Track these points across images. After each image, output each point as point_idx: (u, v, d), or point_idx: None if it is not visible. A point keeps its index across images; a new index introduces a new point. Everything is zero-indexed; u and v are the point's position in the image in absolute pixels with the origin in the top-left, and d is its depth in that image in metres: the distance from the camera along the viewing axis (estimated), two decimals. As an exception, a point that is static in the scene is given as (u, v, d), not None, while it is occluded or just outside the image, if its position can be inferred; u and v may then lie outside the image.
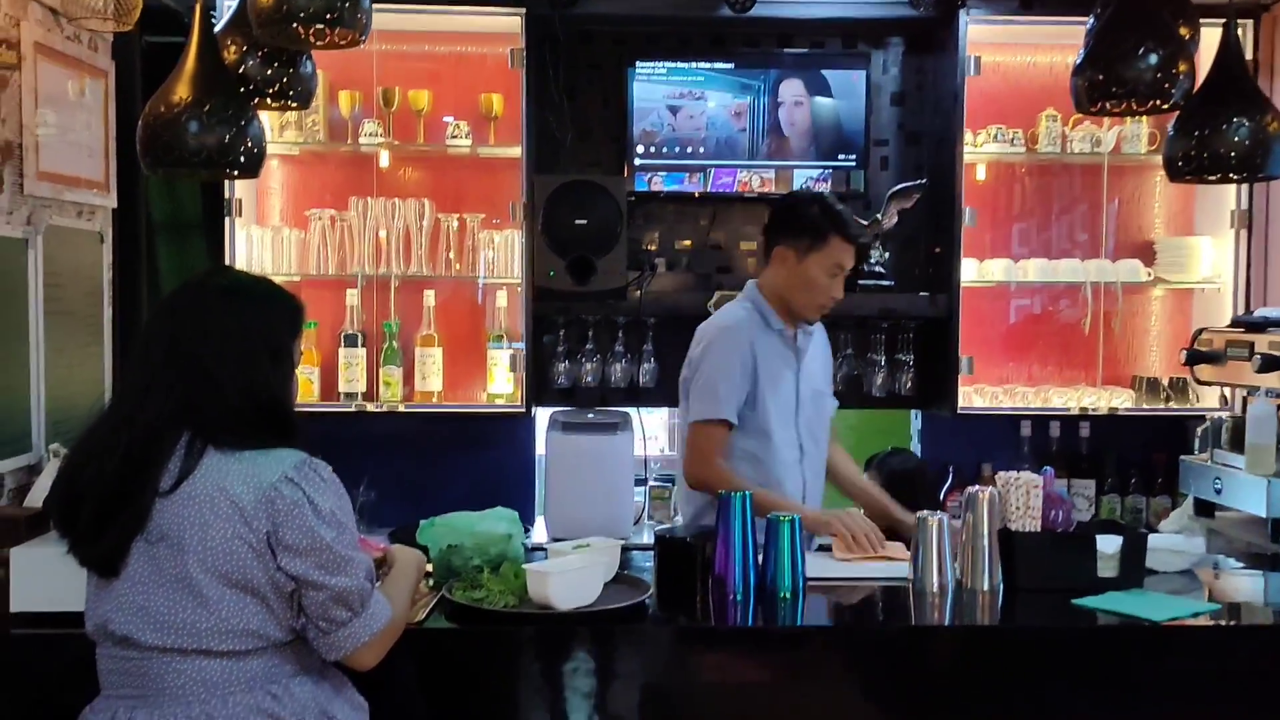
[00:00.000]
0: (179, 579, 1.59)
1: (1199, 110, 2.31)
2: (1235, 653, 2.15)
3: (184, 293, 1.75)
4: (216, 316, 1.68)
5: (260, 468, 1.62)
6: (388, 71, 3.78)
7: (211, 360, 1.65)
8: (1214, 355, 3.12)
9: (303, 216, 3.80)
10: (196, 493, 1.60)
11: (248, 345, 1.68)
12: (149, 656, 1.61)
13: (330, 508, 1.64)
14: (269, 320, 1.73)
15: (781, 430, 2.77)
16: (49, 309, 2.52)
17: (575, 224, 3.64)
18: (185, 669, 1.60)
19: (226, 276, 1.84)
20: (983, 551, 2.32)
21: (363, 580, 1.68)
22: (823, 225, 2.73)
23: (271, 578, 1.61)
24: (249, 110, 2.27)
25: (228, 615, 1.60)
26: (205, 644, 1.59)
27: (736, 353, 2.72)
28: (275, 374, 1.71)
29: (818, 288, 2.74)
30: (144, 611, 1.60)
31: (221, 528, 1.59)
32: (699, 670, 2.19)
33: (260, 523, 1.60)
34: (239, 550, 1.59)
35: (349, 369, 3.72)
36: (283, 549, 1.60)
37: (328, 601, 1.63)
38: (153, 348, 1.69)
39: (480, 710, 2.12)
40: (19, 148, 2.42)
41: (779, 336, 2.80)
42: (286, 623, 1.65)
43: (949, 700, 2.14)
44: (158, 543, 1.60)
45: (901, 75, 3.98)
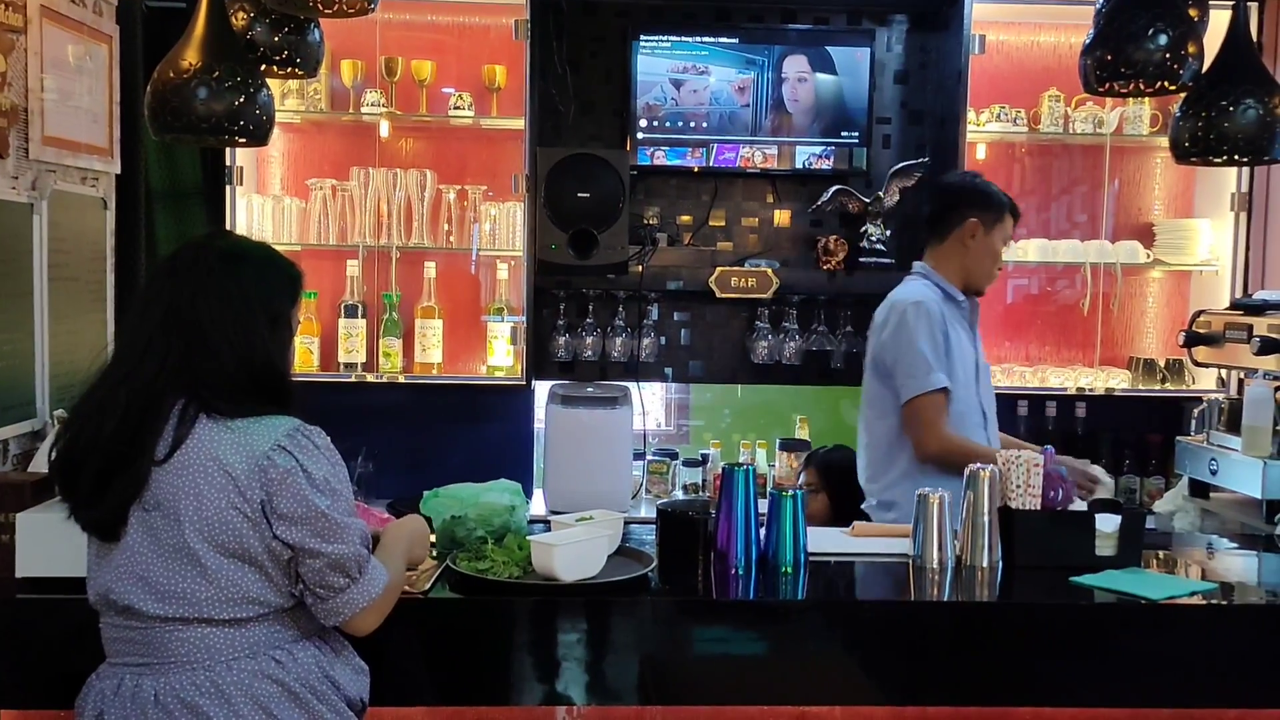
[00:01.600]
0: (177, 548, 1.59)
1: (1207, 92, 2.30)
2: (1230, 631, 2.18)
3: (183, 254, 1.73)
4: (215, 279, 1.66)
5: (253, 436, 1.61)
6: (390, 41, 3.76)
7: (208, 323, 1.63)
8: (1212, 337, 3.15)
9: (304, 186, 3.80)
10: (190, 462, 1.59)
11: (245, 309, 1.66)
12: (151, 626, 1.61)
13: (324, 475, 1.64)
14: (267, 285, 1.71)
15: (968, 398, 2.87)
16: (53, 275, 2.51)
17: (577, 197, 3.64)
18: (188, 637, 1.61)
19: (226, 240, 1.80)
20: (983, 529, 2.34)
21: (359, 546, 1.68)
22: (1002, 200, 2.93)
23: (268, 546, 1.61)
24: (258, 77, 2.25)
25: (227, 584, 1.60)
26: (206, 612, 1.60)
27: (934, 323, 2.81)
28: (272, 340, 1.69)
29: (997, 258, 2.93)
30: (144, 581, 1.60)
31: (215, 497, 1.58)
32: (700, 642, 2.21)
33: (254, 491, 1.59)
34: (233, 519, 1.59)
35: (349, 339, 3.72)
36: (277, 517, 1.60)
37: (324, 569, 1.63)
38: (151, 308, 1.67)
39: (483, 680, 2.13)
40: (24, 112, 2.41)
41: (959, 309, 2.92)
42: (286, 589, 1.65)
43: (948, 675, 2.16)
44: (154, 511, 1.60)
45: (905, 53, 3.97)
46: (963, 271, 2.94)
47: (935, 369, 2.77)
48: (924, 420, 2.77)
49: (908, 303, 2.86)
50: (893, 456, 2.86)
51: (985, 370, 2.99)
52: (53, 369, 2.52)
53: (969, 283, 2.95)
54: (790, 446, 3.95)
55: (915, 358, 2.78)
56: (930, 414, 2.77)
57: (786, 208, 3.98)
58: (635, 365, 3.88)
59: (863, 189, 3.85)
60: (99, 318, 2.81)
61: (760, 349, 3.87)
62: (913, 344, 2.79)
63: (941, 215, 2.98)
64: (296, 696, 1.63)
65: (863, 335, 3.91)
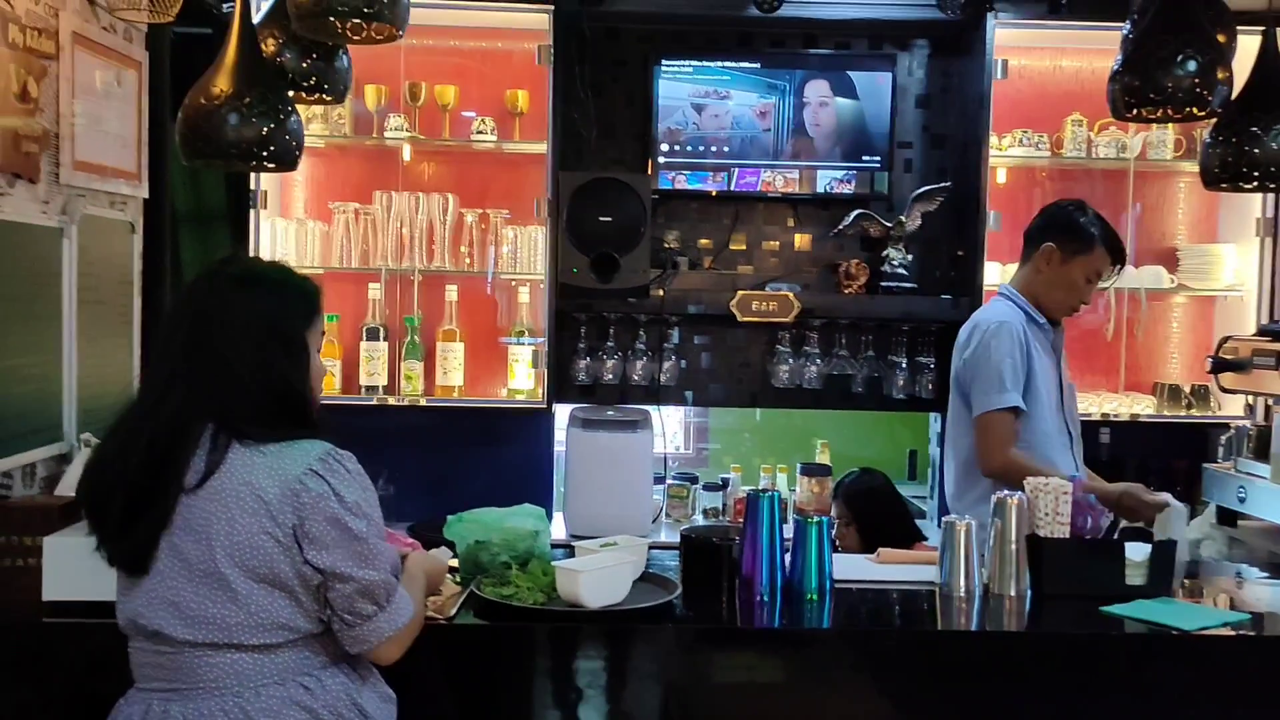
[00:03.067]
0: (207, 573, 1.58)
1: (1237, 118, 2.30)
2: (1263, 664, 2.15)
3: (199, 282, 1.73)
4: (228, 305, 1.66)
5: (285, 460, 1.61)
6: (414, 66, 3.79)
7: (226, 350, 1.63)
8: (1240, 363, 3.12)
9: (327, 209, 3.82)
10: (224, 488, 1.59)
11: (259, 334, 1.65)
12: (180, 651, 1.61)
13: (355, 499, 1.63)
14: (280, 307, 1.70)
15: (1052, 419, 2.87)
16: (81, 298, 2.52)
17: (599, 221, 3.65)
18: (218, 662, 1.60)
19: (239, 264, 1.79)
20: (1011, 557, 2.32)
21: (388, 574, 1.68)
22: (1092, 231, 2.87)
23: (299, 571, 1.60)
24: (288, 103, 2.27)
25: (257, 609, 1.59)
26: (236, 638, 1.59)
27: (1015, 344, 2.82)
28: (289, 363, 1.68)
29: (1075, 290, 2.88)
30: (174, 606, 1.60)
31: (248, 523, 1.58)
32: (724, 670, 2.19)
33: (286, 516, 1.59)
34: (265, 545, 1.59)
35: (370, 362, 3.73)
36: (309, 542, 1.60)
37: (354, 594, 1.63)
38: (172, 339, 1.67)
39: (507, 706, 2.13)
40: (55, 137, 2.43)
41: (1042, 331, 2.91)
42: (315, 614, 1.65)
43: (975, 705, 2.14)
44: (186, 538, 1.59)
45: (927, 77, 3.97)
46: (1034, 296, 2.91)
47: (1009, 389, 2.78)
48: (990, 436, 2.79)
49: (991, 322, 2.87)
50: (974, 474, 2.87)
51: (1071, 392, 3.00)
52: (80, 392, 2.53)
53: (1042, 308, 2.91)
54: (811, 471, 3.93)
55: (991, 375, 2.81)
56: (997, 431, 2.79)
57: (808, 232, 3.98)
58: (656, 389, 3.88)
59: (884, 213, 3.85)
60: (125, 342, 2.82)
61: (781, 373, 3.87)
62: (990, 362, 2.81)
63: (1030, 237, 2.98)
64: None
65: (884, 360, 3.92)
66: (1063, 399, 2.93)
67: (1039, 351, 2.87)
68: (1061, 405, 2.92)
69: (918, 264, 3.88)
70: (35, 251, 2.35)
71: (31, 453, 2.34)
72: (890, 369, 3.89)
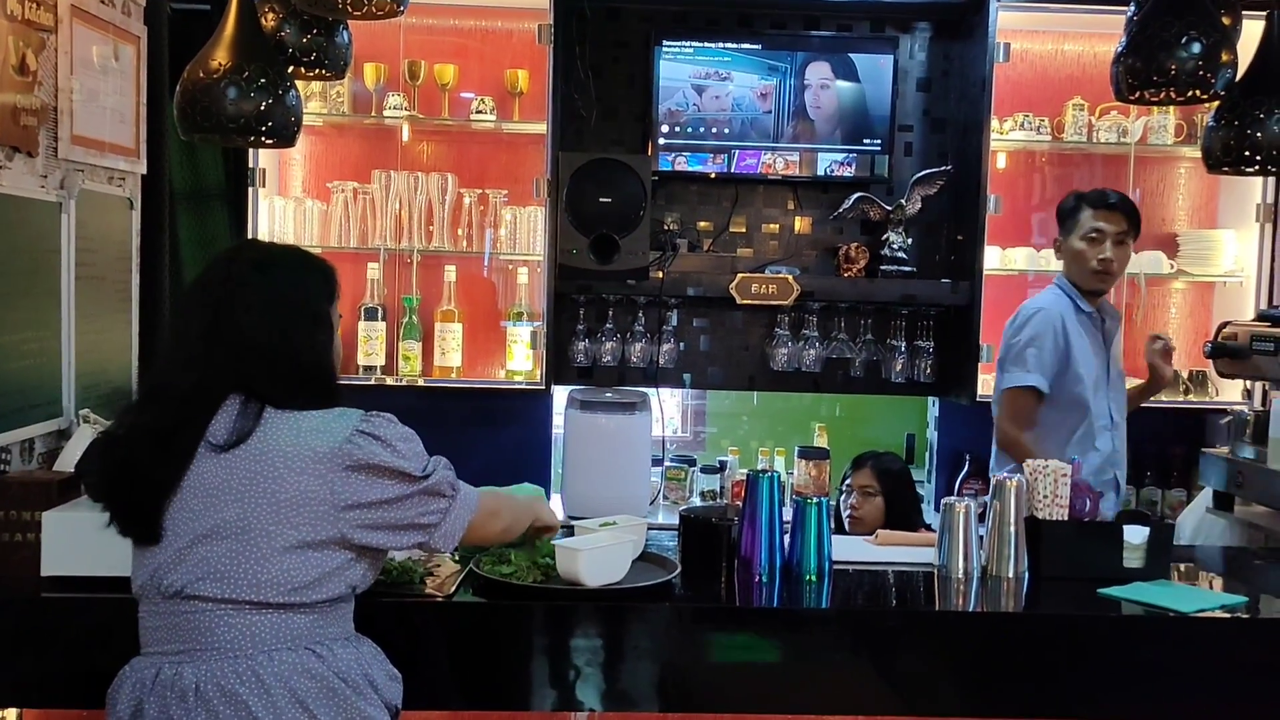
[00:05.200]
0: (241, 530, 1.61)
1: (1240, 101, 2.29)
2: (1261, 646, 2.15)
3: (216, 268, 1.76)
4: (254, 288, 1.70)
5: (331, 421, 1.66)
6: (413, 45, 3.77)
7: (255, 330, 1.68)
8: (1238, 349, 3.12)
9: (325, 188, 3.80)
10: (269, 448, 1.62)
11: (287, 312, 1.71)
12: (200, 610, 1.62)
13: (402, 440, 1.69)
14: (304, 286, 1.76)
15: (1095, 402, 3.07)
16: (80, 274, 2.51)
17: (598, 202, 3.64)
18: (236, 622, 1.62)
19: (256, 249, 1.88)
20: (1009, 539, 2.32)
21: (444, 472, 1.75)
22: (1071, 204, 3.12)
23: (340, 532, 1.64)
24: (287, 79, 2.26)
25: (289, 567, 1.62)
26: (263, 595, 1.62)
27: (1049, 328, 3.03)
28: (316, 338, 1.74)
29: (1082, 256, 3.06)
30: (203, 562, 1.61)
31: (295, 480, 1.62)
32: (723, 650, 2.19)
33: (336, 474, 1.63)
34: (307, 505, 1.62)
35: (368, 342, 3.72)
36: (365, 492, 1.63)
37: (422, 499, 1.70)
38: (190, 325, 1.72)
39: (506, 685, 2.13)
40: (54, 111, 2.41)
41: (1088, 318, 3.10)
42: (343, 577, 1.68)
43: (972, 686, 2.15)
44: (219, 496, 1.61)
45: (928, 61, 3.96)
46: (1072, 283, 3.13)
47: (1032, 370, 3.00)
48: (1006, 410, 3.04)
49: (1031, 308, 3.11)
50: (1006, 456, 3.07)
51: (1118, 377, 3.17)
52: (79, 368, 2.52)
53: (1081, 289, 3.10)
54: (809, 454, 3.93)
55: (1019, 356, 3.03)
56: (1012, 406, 3.03)
57: (808, 215, 3.97)
58: (654, 371, 3.87)
59: (884, 196, 3.84)
60: (124, 318, 2.81)
61: (780, 356, 3.86)
62: (1021, 343, 3.04)
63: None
64: (334, 691, 1.64)
65: (883, 343, 3.92)
66: (1108, 385, 3.11)
67: (1083, 337, 3.07)
68: (1107, 390, 3.11)
69: (917, 248, 3.88)
70: (34, 226, 2.34)
71: (30, 428, 2.34)
72: (889, 353, 3.89)
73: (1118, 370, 3.18)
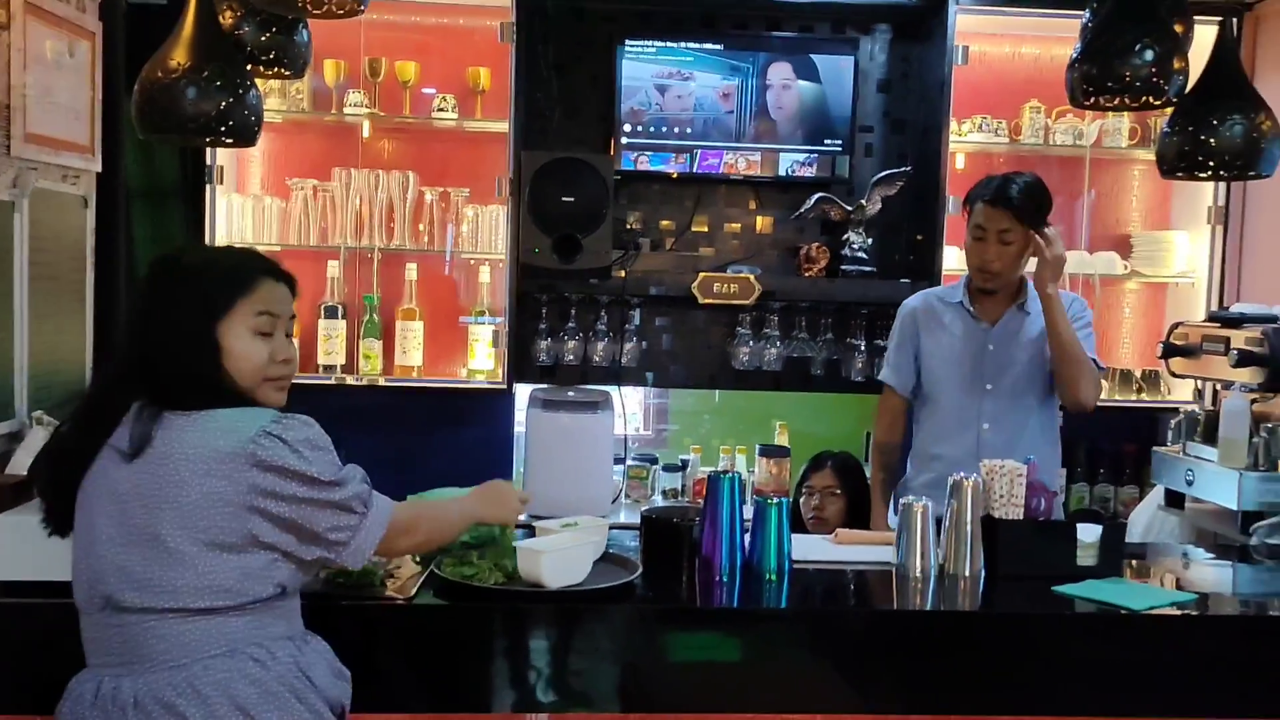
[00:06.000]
0: (153, 538, 1.59)
1: (1193, 108, 2.33)
2: (1210, 642, 2.20)
3: (151, 267, 1.79)
4: (160, 290, 1.72)
5: (238, 420, 1.63)
6: (374, 41, 3.74)
7: (157, 331, 1.69)
8: (1189, 349, 3.17)
9: (284, 186, 3.77)
10: (170, 452, 1.60)
11: (164, 325, 1.69)
12: (128, 622, 1.61)
13: (309, 446, 1.65)
14: (204, 289, 1.71)
15: (949, 398, 2.99)
16: (33, 274, 2.48)
17: (561, 201, 3.63)
18: (165, 633, 1.60)
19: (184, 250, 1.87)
20: (966, 538, 2.35)
21: (358, 485, 1.71)
22: (970, 195, 3.01)
23: (250, 531, 1.61)
24: (247, 78, 2.24)
25: (205, 570, 1.60)
26: (184, 601, 1.60)
27: (900, 322, 3.12)
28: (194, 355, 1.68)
29: (970, 252, 2.99)
30: (122, 571, 1.61)
31: (198, 483, 1.59)
32: (684, 650, 2.20)
33: (241, 473, 1.60)
34: (215, 505, 1.59)
35: (328, 341, 3.70)
36: (269, 496, 1.61)
37: (331, 514, 1.66)
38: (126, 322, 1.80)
39: (466, 687, 2.13)
40: (6, 109, 2.37)
41: (957, 309, 3.02)
42: (266, 577, 1.65)
43: (931, 684, 2.17)
44: (132, 504, 1.60)
45: (889, 62, 3.99)
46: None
47: (886, 365, 3.15)
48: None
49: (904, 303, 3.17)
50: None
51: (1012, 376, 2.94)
52: (32, 370, 2.49)
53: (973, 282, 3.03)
54: (770, 452, 3.95)
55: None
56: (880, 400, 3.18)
57: (769, 214, 3.99)
58: (617, 370, 3.88)
59: (845, 197, 3.87)
60: (79, 318, 2.78)
61: (741, 354, 3.88)
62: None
63: None
64: (275, 696, 1.63)
65: (843, 342, 3.95)
66: (982, 377, 2.94)
67: (947, 331, 3.01)
68: (983, 388, 2.94)
69: (877, 248, 3.91)
70: (-15, 225, 2.31)
71: (-19, 431, 2.30)
72: (849, 351, 3.92)
73: (1016, 364, 2.94)
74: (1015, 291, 3.00)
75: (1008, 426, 2.93)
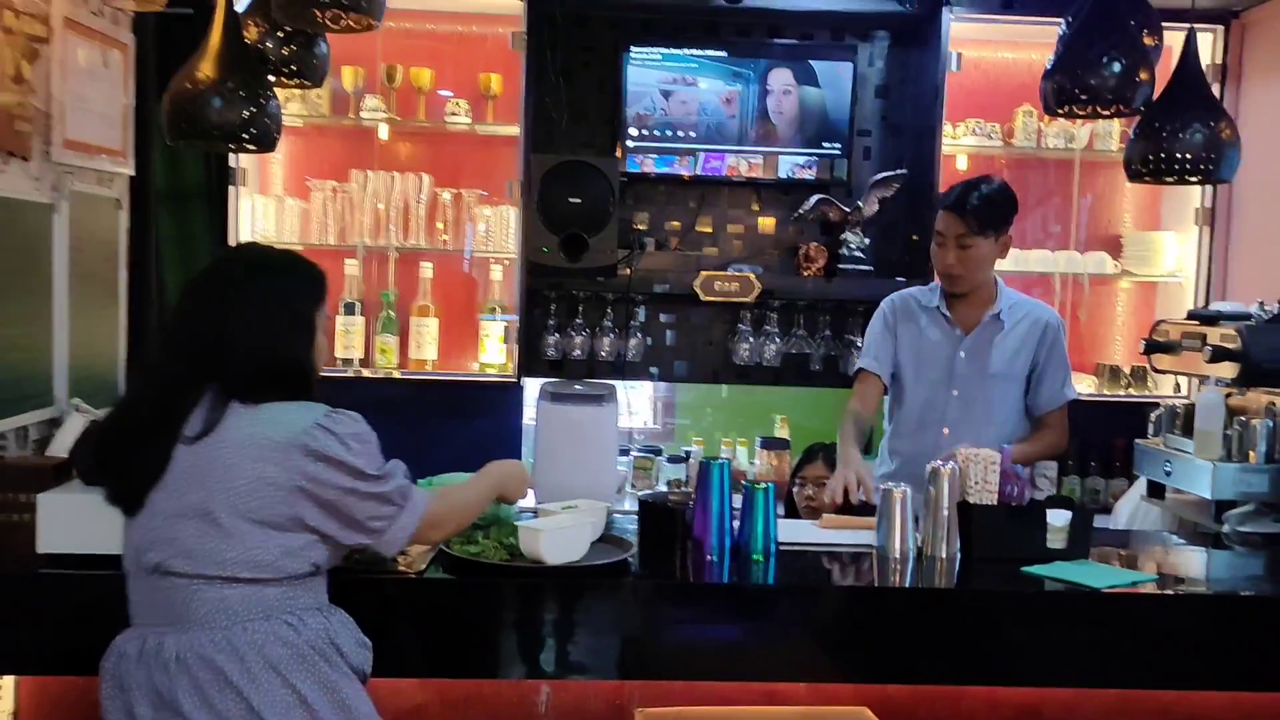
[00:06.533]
0: (205, 513, 1.75)
1: (1159, 116, 2.46)
2: (1165, 618, 2.33)
3: (213, 268, 1.93)
4: (239, 287, 1.85)
5: (293, 414, 1.79)
6: (391, 49, 3.91)
7: (235, 326, 1.81)
8: (1170, 345, 3.29)
9: (304, 187, 3.94)
10: (228, 438, 1.76)
11: (268, 313, 1.84)
12: (176, 586, 1.76)
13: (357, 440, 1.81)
14: (289, 288, 1.89)
15: (916, 394, 3.08)
16: (72, 272, 2.65)
17: (569, 202, 3.78)
18: (209, 597, 1.76)
19: (252, 252, 2.00)
20: (942, 522, 2.49)
21: (400, 480, 1.88)
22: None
23: (295, 514, 1.77)
24: (268, 88, 2.40)
25: (250, 545, 1.76)
26: (229, 571, 1.75)
27: (879, 318, 3.16)
28: (295, 339, 1.87)
29: (934, 256, 3.02)
30: (173, 543, 1.76)
31: (251, 467, 1.75)
32: (676, 623, 2.35)
33: (293, 461, 1.76)
34: (264, 489, 1.75)
35: (346, 335, 3.87)
36: (318, 484, 1.76)
37: (374, 501, 1.82)
38: (182, 318, 1.86)
39: (472, 655, 2.28)
40: (47, 116, 2.55)
41: (934, 313, 3.08)
42: (304, 556, 1.81)
43: (907, 656, 2.31)
44: (189, 482, 1.76)
45: (886, 68, 4.13)
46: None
47: (865, 354, 3.16)
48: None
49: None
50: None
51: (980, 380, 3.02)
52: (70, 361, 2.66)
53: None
54: (770, 445, 4.10)
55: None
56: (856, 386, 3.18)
57: (770, 215, 4.13)
58: (622, 364, 4.03)
59: (843, 198, 4.01)
60: (113, 313, 2.95)
61: (742, 351, 4.03)
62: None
63: None
64: (304, 658, 1.78)
65: (841, 339, 4.09)
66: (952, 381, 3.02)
67: (922, 330, 3.08)
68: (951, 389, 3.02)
69: (874, 248, 4.04)
70: (28, 227, 2.48)
71: (24, 416, 2.48)
72: (846, 348, 4.05)
73: (983, 369, 3.02)
74: (989, 297, 3.04)
75: (968, 433, 2.93)
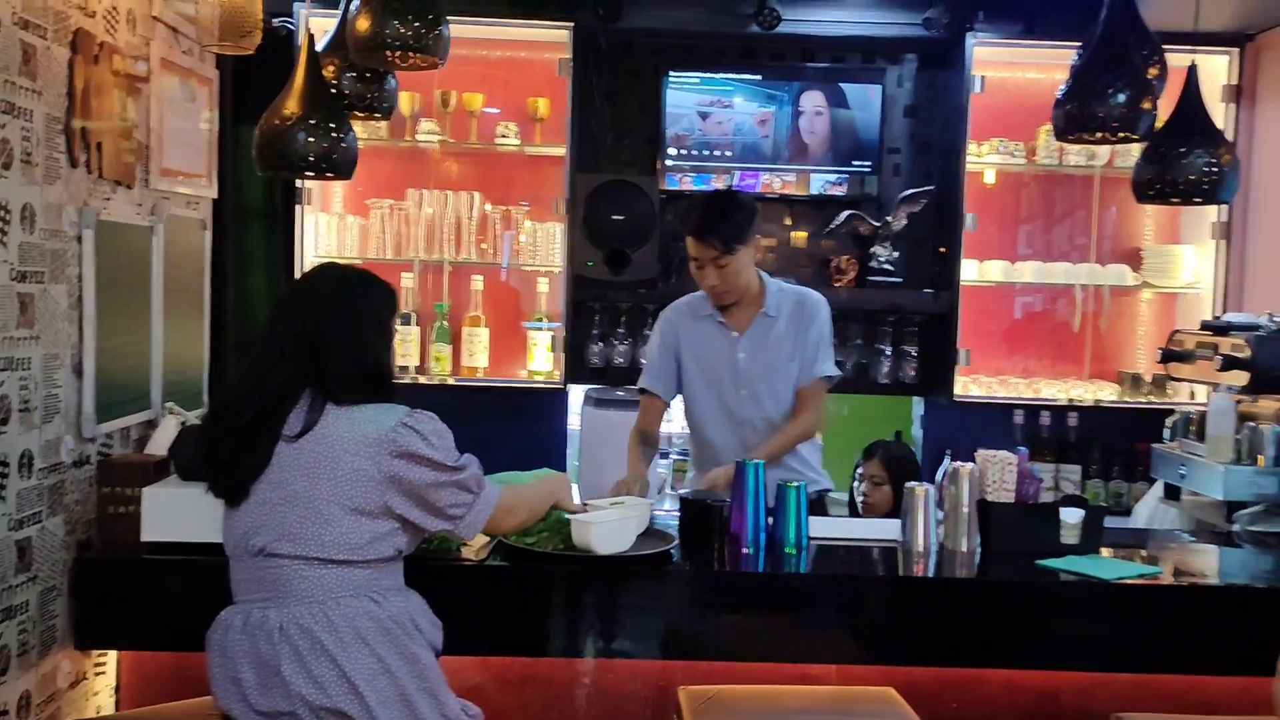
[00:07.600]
0: (310, 501, 1.98)
1: (1163, 142, 2.65)
2: (1171, 606, 2.52)
3: (304, 284, 2.18)
4: (332, 301, 2.08)
5: (381, 414, 2.02)
6: (445, 75, 4.07)
7: (330, 335, 2.05)
8: (1185, 354, 3.46)
9: (364, 205, 4.19)
10: (328, 435, 1.99)
11: (358, 322, 2.08)
12: (279, 565, 1.99)
13: (436, 435, 2.03)
14: (372, 302, 2.13)
15: (708, 398, 3.15)
16: (167, 287, 2.91)
17: (612, 219, 4.02)
18: (308, 575, 1.99)
19: (335, 270, 2.22)
20: (963, 519, 2.68)
21: (475, 470, 2.09)
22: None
23: (386, 503, 1.99)
24: (346, 122, 2.65)
25: (346, 531, 1.98)
26: (327, 553, 1.98)
27: (656, 333, 3.22)
28: (379, 344, 2.12)
29: (695, 279, 3.09)
30: (279, 526, 1.99)
31: (349, 461, 1.98)
32: (715, 610, 2.56)
33: (383, 456, 1.99)
34: (360, 480, 1.98)
35: (402, 344, 4.09)
36: (404, 474, 1.98)
37: (452, 491, 2.04)
38: (281, 328, 2.09)
39: (528, 636, 2.51)
40: (147, 148, 2.81)
41: (708, 320, 3.14)
42: (391, 541, 2.04)
43: (930, 641, 2.52)
44: (293, 474, 1.98)
45: (914, 89, 4.32)
46: None
47: (645, 375, 3.21)
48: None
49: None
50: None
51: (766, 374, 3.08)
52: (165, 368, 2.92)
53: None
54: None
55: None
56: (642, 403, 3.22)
57: (802, 230, 4.33)
58: (662, 372, 4.22)
59: (873, 213, 4.20)
60: (198, 325, 3.22)
61: (776, 359, 4.21)
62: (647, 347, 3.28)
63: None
64: (389, 631, 2.01)
65: (871, 347, 4.28)
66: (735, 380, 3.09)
67: (702, 340, 3.12)
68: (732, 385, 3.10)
69: (903, 260, 4.23)
70: (132, 248, 2.74)
71: (127, 418, 2.73)
72: (876, 356, 4.25)
73: (761, 363, 3.08)
74: (757, 297, 3.12)
75: (767, 428, 3.08)
